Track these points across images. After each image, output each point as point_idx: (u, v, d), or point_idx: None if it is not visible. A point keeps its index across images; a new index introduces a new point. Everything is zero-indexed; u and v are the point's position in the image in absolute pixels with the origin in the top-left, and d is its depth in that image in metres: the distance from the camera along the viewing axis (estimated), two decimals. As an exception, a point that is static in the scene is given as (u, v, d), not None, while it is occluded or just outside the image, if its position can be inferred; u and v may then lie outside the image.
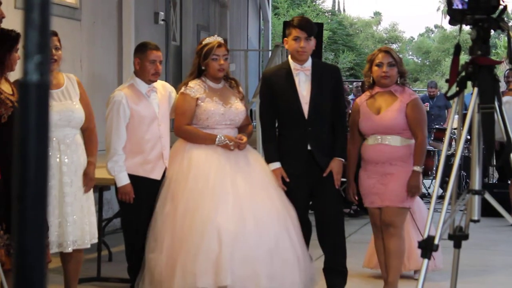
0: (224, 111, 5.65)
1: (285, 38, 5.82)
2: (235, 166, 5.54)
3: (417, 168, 5.70)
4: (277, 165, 5.71)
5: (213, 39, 5.75)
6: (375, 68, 5.81)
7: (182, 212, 5.36)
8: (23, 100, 1.25)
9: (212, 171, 5.47)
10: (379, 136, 5.75)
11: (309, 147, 5.70)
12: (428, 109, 14.62)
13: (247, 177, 5.55)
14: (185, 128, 5.66)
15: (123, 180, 5.59)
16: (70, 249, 5.31)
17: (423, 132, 5.76)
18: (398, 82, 5.84)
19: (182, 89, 5.70)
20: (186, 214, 5.34)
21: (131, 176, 5.63)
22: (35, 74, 1.25)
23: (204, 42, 5.74)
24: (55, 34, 5.22)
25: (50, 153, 5.12)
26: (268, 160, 5.77)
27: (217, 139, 5.57)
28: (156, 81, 5.75)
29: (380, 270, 6.06)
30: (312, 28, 5.77)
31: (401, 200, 5.71)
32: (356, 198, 5.94)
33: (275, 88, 5.77)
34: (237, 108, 5.72)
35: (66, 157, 5.29)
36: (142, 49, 5.74)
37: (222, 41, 5.74)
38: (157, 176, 5.67)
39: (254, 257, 5.27)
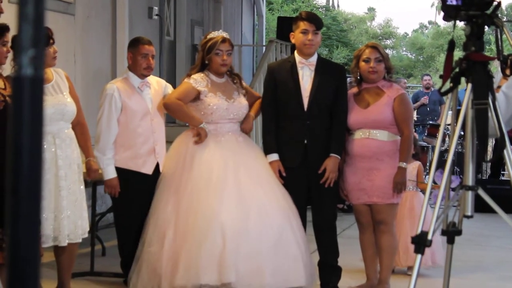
0: (228, 106, 5.66)
1: (292, 33, 5.80)
2: (238, 160, 5.55)
3: (403, 165, 5.69)
4: (274, 157, 5.71)
5: (218, 34, 5.74)
6: (362, 64, 5.82)
7: (185, 207, 5.36)
8: (17, 94, 1.25)
9: (215, 166, 5.48)
10: (367, 130, 5.73)
11: (305, 141, 5.70)
12: (426, 102, 14.62)
13: (249, 171, 5.55)
14: (175, 100, 5.65)
15: (110, 174, 5.60)
16: (65, 243, 5.32)
17: (409, 128, 5.75)
18: (385, 77, 5.85)
19: (186, 79, 5.71)
20: (189, 210, 5.34)
21: (122, 170, 5.64)
22: (29, 68, 1.25)
23: (208, 37, 5.74)
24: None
25: (45, 147, 5.17)
26: (266, 151, 5.78)
27: (201, 125, 5.57)
28: (149, 75, 5.76)
29: (364, 265, 6.05)
30: (320, 22, 5.79)
31: (389, 196, 5.71)
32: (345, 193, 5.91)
33: (278, 80, 5.77)
34: (240, 102, 5.74)
35: (61, 151, 5.29)
36: (134, 44, 5.78)
37: (227, 36, 5.73)
38: (148, 170, 5.67)
39: (258, 252, 5.26)
